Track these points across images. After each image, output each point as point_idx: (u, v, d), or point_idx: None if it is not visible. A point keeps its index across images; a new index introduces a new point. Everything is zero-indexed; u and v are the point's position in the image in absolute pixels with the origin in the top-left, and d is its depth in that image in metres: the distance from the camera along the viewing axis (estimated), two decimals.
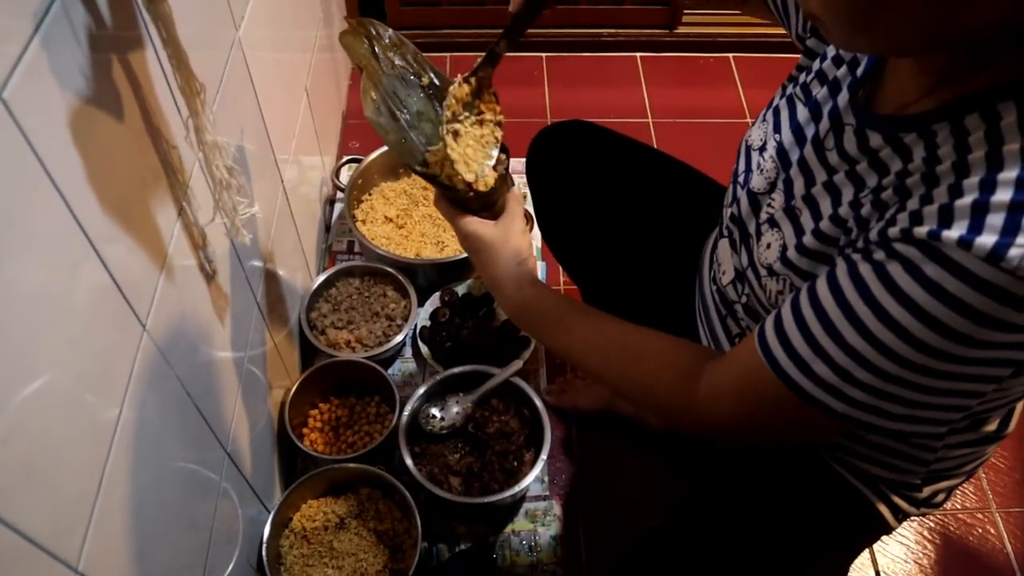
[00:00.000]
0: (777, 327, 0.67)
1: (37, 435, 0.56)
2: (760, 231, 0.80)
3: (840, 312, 0.61)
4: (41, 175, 0.55)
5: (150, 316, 0.74)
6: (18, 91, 0.51)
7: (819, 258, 0.70)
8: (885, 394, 0.61)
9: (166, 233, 0.79)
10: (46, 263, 0.57)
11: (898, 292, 0.57)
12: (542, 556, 1.30)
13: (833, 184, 0.71)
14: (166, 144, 0.78)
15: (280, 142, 1.26)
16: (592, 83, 2.15)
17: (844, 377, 0.62)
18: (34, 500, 0.56)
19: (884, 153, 0.66)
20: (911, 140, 0.64)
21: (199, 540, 0.91)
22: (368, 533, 1.24)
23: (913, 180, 0.61)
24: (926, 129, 0.62)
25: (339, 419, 1.37)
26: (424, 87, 0.95)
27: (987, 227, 0.53)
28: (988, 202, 0.54)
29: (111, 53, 0.66)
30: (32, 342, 0.55)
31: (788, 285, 0.74)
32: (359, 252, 1.68)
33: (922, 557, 1.38)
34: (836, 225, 0.68)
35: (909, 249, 0.57)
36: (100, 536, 0.64)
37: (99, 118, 0.64)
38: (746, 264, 0.83)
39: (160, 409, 0.78)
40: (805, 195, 0.74)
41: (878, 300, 0.59)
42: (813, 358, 0.63)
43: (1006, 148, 0.55)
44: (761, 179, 0.83)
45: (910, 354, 0.58)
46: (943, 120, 0.61)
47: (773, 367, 0.66)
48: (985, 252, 0.53)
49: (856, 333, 0.60)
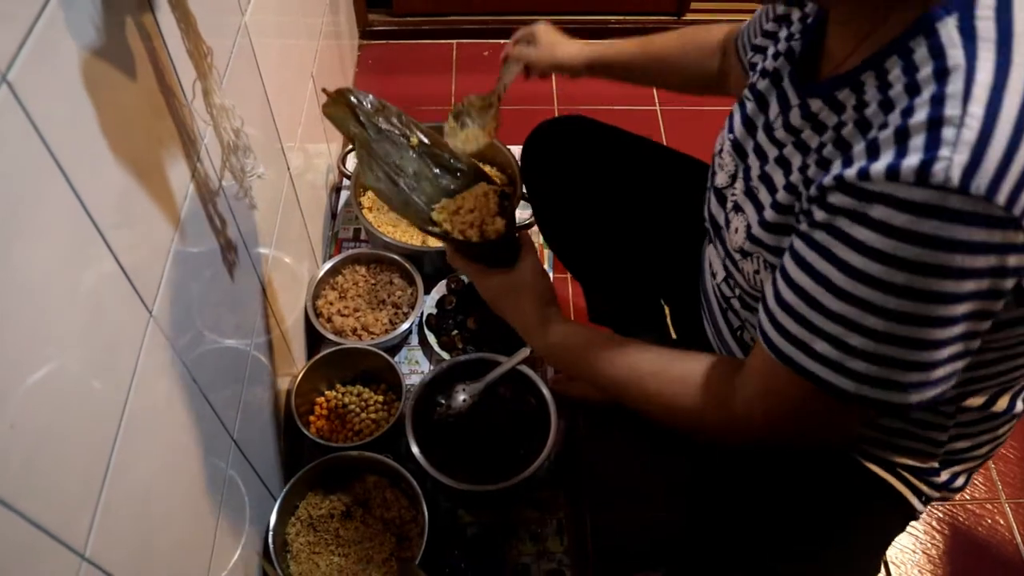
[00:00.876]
0: (771, 319, 0.68)
1: (44, 421, 0.56)
2: (728, 220, 0.82)
3: (813, 282, 0.63)
4: (46, 157, 0.55)
5: (156, 302, 0.74)
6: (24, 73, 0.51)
7: (782, 230, 0.72)
8: (884, 359, 0.61)
9: (173, 218, 0.78)
10: (52, 247, 0.57)
11: (853, 243, 0.59)
12: (548, 544, 1.29)
13: (783, 157, 0.74)
14: (175, 113, 0.78)
15: (286, 129, 1.25)
16: None
17: (842, 348, 0.62)
18: (41, 486, 0.55)
19: (823, 114, 0.69)
20: (844, 95, 0.66)
21: (206, 527, 0.91)
22: (374, 521, 1.24)
23: (848, 130, 0.64)
24: (855, 81, 0.65)
25: (345, 407, 1.37)
26: (415, 147, 0.97)
27: (911, 150, 0.55)
28: (907, 126, 0.56)
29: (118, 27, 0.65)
30: (39, 328, 0.55)
31: (762, 263, 0.76)
32: (365, 240, 1.67)
33: (931, 547, 1.37)
34: (791, 193, 0.70)
35: (844, 199, 0.59)
36: (107, 522, 0.64)
37: (103, 101, 0.63)
38: (723, 255, 0.85)
39: (166, 396, 0.78)
40: (760, 174, 0.77)
41: (841, 258, 0.60)
42: (810, 337, 0.64)
43: (920, 75, 0.58)
44: (723, 175, 0.86)
45: (889, 302, 0.58)
46: (868, 69, 0.64)
47: (780, 358, 0.67)
48: (913, 175, 0.54)
49: (835, 298, 0.61)
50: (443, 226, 0.90)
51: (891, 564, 1.35)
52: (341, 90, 0.96)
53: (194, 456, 0.86)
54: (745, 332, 0.90)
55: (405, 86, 2.08)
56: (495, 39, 2.19)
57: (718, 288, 0.93)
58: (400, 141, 0.97)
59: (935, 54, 0.57)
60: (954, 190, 0.53)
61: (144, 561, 0.73)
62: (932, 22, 0.58)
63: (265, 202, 1.12)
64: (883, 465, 0.83)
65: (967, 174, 0.53)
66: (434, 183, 0.96)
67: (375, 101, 0.97)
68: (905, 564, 1.35)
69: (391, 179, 0.95)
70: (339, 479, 1.28)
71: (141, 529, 0.73)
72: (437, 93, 2.07)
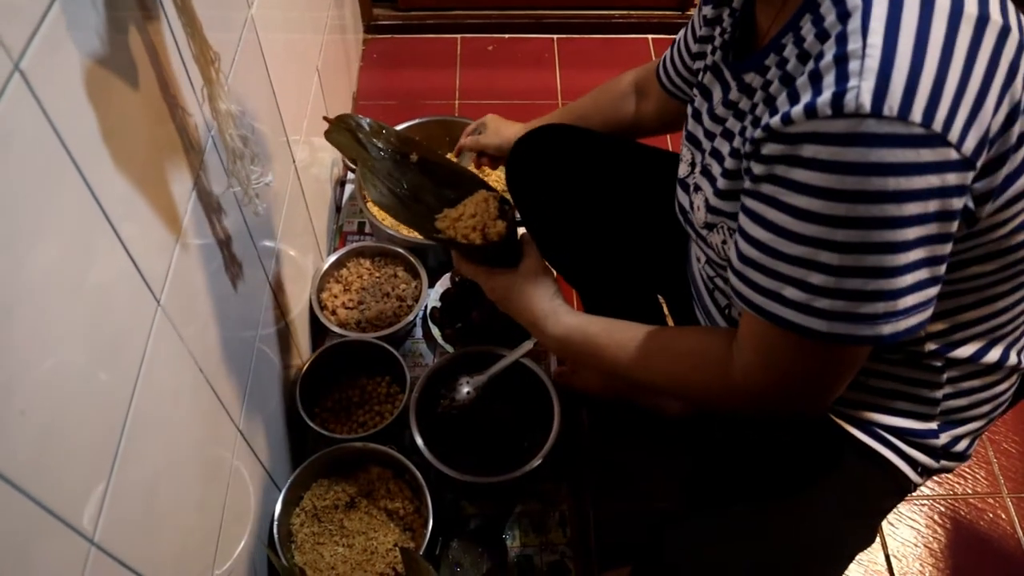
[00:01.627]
0: (740, 277, 0.71)
1: (55, 408, 0.56)
2: (692, 202, 0.86)
3: (769, 233, 0.65)
4: (58, 147, 0.56)
5: (164, 292, 0.75)
6: (36, 62, 0.51)
7: (736, 196, 0.74)
8: (846, 292, 0.63)
9: (181, 207, 0.79)
10: (65, 236, 0.57)
11: (794, 185, 0.61)
12: (551, 537, 1.30)
13: (727, 130, 0.78)
14: (182, 114, 0.78)
15: (292, 122, 1.26)
16: (603, 65, 2.14)
17: (806, 288, 0.64)
18: (53, 471, 0.56)
19: (755, 83, 0.73)
20: (771, 61, 0.70)
21: (212, 516, 0.92)
22: (378, 512, 1.25)
23: (775, 87, 0.67)
24: (777, 45, 0.69)
25: (350, 398, 1.38)
26: (415, 164, 1.03)
27: (824, 87, 0.58)
28: (819, 68, 0.60)
29: (127, 24, 0.66)
30: (51, 315, 0.56)
31: (726, 231, 0.79)
32: (370, 233, 1.68)
33: (932, 541, 1.37)
34: (735, 158, 0.74)
35: (775, 147, 0.62)
36: (115, 509, 0.65)
37: (115, 90, 0.64)
38: (695, 237, 0.88)
39: (174, 385, 0.79)
40: (711, 150, 0.81)
41: (786, 202, 0.62)
42: (778, 285, 0.66)
43: (827, 23, 0.61)
44: (684, 166, 0.91)
45: (837, 235, 0.60)
46: (788, 32, 0.67)
47: (761, 313, 0.69)
48: (828, 108, 0.57)
49: (789, 242, 0.64)
50: (447, 233, 0.94)
51: (892, 558, 1.35)
52: (341, 116, 1.02)
53: (201, 446, 0.87)
54: (732, 309, 0.92)
55: (409, 80, 2.08)
56: (499, 34, 2.19)
57: (703, 271, 0.96)
58: (399, 159, 1.03)
59: (837, 2, 0.61)
60: (867, 115, 0.56)
61: (151, 548, 0.73)
62: None
63: (271, 195, 1.13)
64: (875, 436, 0.83)
65: (877, 98, 0.56)
66: (436, 194, 1.01)
67: (373, 124, 1.04)
68: (907, 558, 1.36)
69: (394, 194, 1.00)
70: (343, 470, 1.29)
71: (148, 516, 0.73)
72: (441, 87, 2.07)
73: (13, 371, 0.51)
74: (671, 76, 1.06)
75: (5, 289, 0.50)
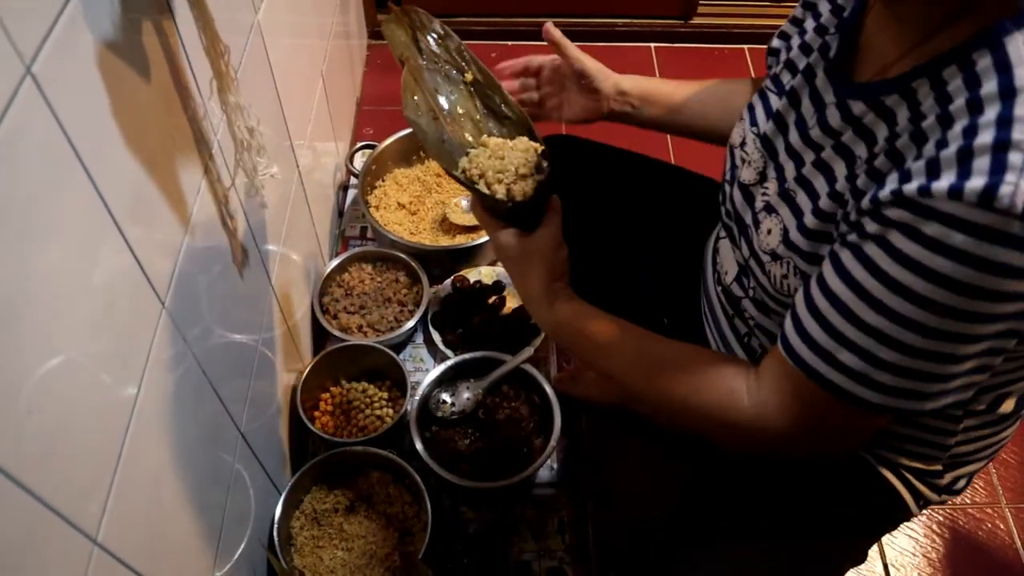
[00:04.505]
0: (796, 326, 0.67)
1: (60, 409, 0.57)
2: (758, 220, 0.80)
3: (852, 294, 0.62)
4: (67, 148, 0.56)
5: (169, 294, 0.75)
6: (47, 65, 0.52)
7: (821, 237, 0.70)
8: (911, 372, 0.61)
9: (187, 209, 0.79)
10: (72, 237, 0.58)
11: (904, 259, 0.58)
12: (550, 543, 1.30)
13: (823, 161, 0.72)
14: (190, 110, 0.79)
15: (296, 127, 1.26)
16: None
17: (870, 360, 0.62)
18: (57, 471, 0.56)
19: (868, 119, 0.67)
20: (893, 102, 0.64)
21: (213, 518, 0.92)
22: (378, 516, 1.25)
23: (903, 142, 0.62)
24: (906, 88, 0.63)
25: (350, 403, 1.38)
26: (468, 83, 0.91)
27: (975, 171, 0.53)
28: (972, 147, 0.54)
29: (138, 22, 0.67)
30: (57, 315, 0.56)
31: (792, 268, 0.74)
32: (372, 238, 1.68)
33: (931, 551, 1.38)
34: (835, 202, 0.68)
35: (902, 213, 0.57)
36: (118, 510, 0.65)
37: (124, 90, 0.65)
38: (747, 255, 0.83)
39: (177, 387, 0.79)
40: (797, 176, 0.75)
41: (887, 272, 0.59)
42: (837, 348, 0.63)
43: (984, 91, 0.56)
44: (750, 171, 0.83)
45: (928, 319, 0.58)
46: (922, 77, 0.61)
47: (801, 366, 0.66)
48: (976, 196, 0.53)
49: (872, 311, 0.60)
50: (470, 173, 0.84)
51: (891, 567, 1.36)
52: (408, 8, 0.90)
53: (203, 448, 0.88)
54: (753, 338, 0.88)
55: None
56: (503, 40, 2.20)
57: (728, 289, 0.91)
58: (453, 75, 0.91)
59: (1001, 69, 0.55)
60: (1018, 216, 0.52)
61: (153, 549, 0.74)
62: (999, 35, 0.57)
63: (275, 199, 1.13)
64: (887, 465, 0.84)
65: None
66: (478, 125, 0.90)
67: (440, 27, 0.91)
68: (905, 567, 1.36)
69: (432, 114, 0.88)
70: (343, 474, 1.29)
71: (150, 518, 0.74)
72: None
73: (20, 370, 0.52)
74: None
75: (13, 289, 0.50)
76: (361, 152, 1.74)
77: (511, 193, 0.82)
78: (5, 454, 0.49)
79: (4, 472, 0.49)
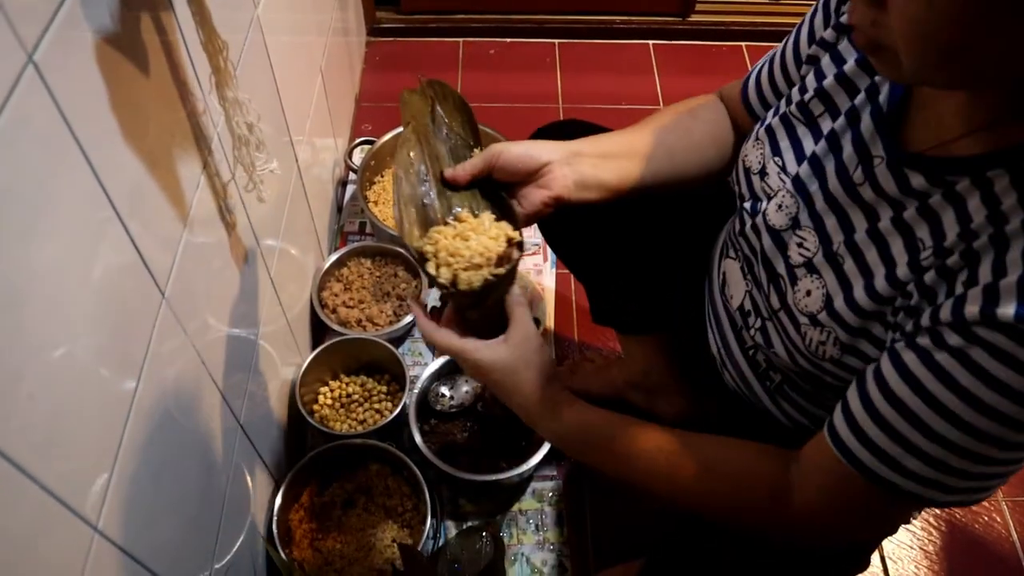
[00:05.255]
0: (853, 428, 0.64)
1: (61, 396, 0.57)
2: (795, 275, 0.75)
3: (923, 403, 0.59)
4: (69, 139, 0.57)
5: (169, 285, 0.76)
6: (49, 54, 0.52)
7: (873, 316, 0.66)
8: (983, 475, 0.61)
9: (187, 201, 0.80)
10: (74, 227, 0.58)
11: (989, 378, 0.55)
12: (548, 535, 1.31)
13: (879, 233, 0.67)
14: (190, 103, 0.79)
15: (295, 123, 1.27)
16: (604, 70, 2.16)
17: (940, 468, 0.60)
18: (59, 458, 0.57)
19: (934, 200, 0.62)
20: (964, 188, 0.60)
21: (212, 509, 0.93)
22: (377, 509, 1.26)
23: (981, 243, 0.57)
24: (980, 175, 0.58)
25: (349, 396, 1.39)
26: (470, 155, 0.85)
27: None
28: None
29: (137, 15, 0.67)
30: (59, 306, 0.57)
31: (832, 338, 0.70)
32: (370, 233, 1.69)
33: (927, 543, 1.38)
34: (894, 288, 0.64)
35: (994, 335, 0.54)
36: (118, 499, 0.66)
37: (124, 80, 0.65)
38: (778, 307, 0.78)
39: (177, 378, 0.80)
40: (847, 241, 0.70)
41: (967, 388, 0.56)
42: (903, 455, 0.61)
43: None
44: (781, 215, 0.77)
45: (1008, 434, 0.57)
46: (999, 167, 0.57)
47: (863, 472, 0.63)
48: None
49: (945, 422, 0.58)
50: (425, 248, 0.76)
51: (888, 560, 1.36)
52: (434, 81, 0.86)
53: (203, 439, 0.88)
54: (759, 354, 0.87)
55: (412, 83, 2.09)
56: (501, 38, 2.20)
57: (735, 311, 0.88)
58: (460, 150, 0.85)
59: None
60: None
61: (153, 539, 0.74)
62: None
63: (274, 194, 1.14)
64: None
65: None
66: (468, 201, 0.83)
67: (458, 99, 0.87)
68: (902, 560, 1.36)
69: (420, 179, 0.82)
70: (342, 467, 1.30)
71: (150, 507, 0.74)
72: None
73: (23, 356, 0.52)
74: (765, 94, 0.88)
75: (16, 276, 0.51)
76: (360, 148, 1.75)
77: (456, 279, 0.73)
78: (7, 439, 0.50)
79: (6, 457, 0.50)
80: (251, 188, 0.88)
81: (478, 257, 0.73)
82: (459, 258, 0.74)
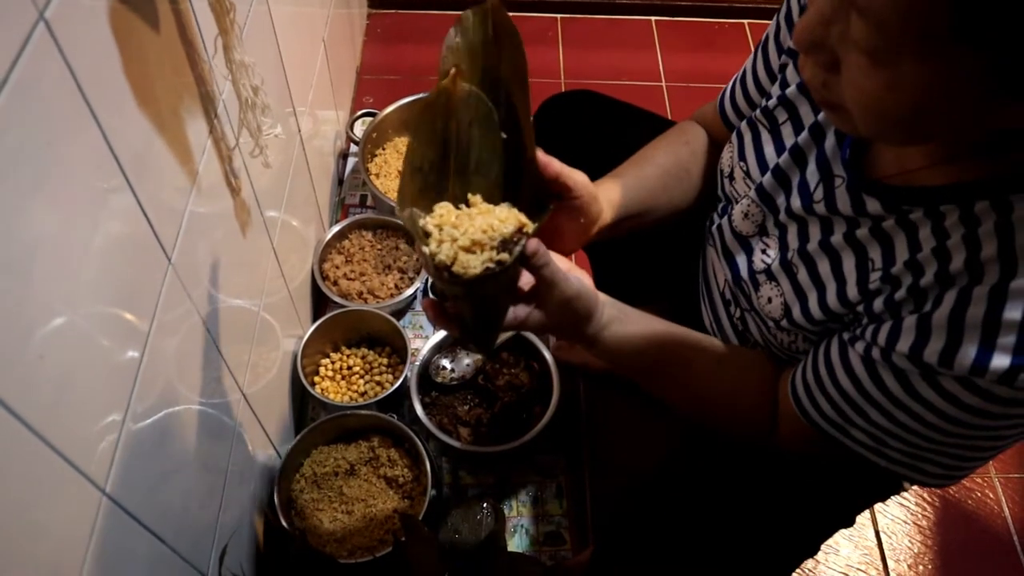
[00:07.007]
0: (808, 394, 0.73)
1: (70, 357, 0.57)
2: (756, 280, 0.80)
3: (863, 399, 0.67)
4: (79, 100, 0.56)
5: (175, 251, 0.76)
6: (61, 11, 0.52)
7: (831, 321, 0.72)
8: (919, 456, 0.68)
9: (195, 162, 0.80)
10: (83, 188, 0.58)
11: (917, 395, 0.62)
12: (548, 508, 1.32)
13: (831, 246, 0.70)
14: (197, 66, 0.79)
15: (298, 93, 1.26)
16: (606, 46, 2.14)
17: (878, 442, 0.68)
18: (68, 419, 0.57)
19: (887, 224, 0.65)
20: (917, 217, 0.62)
21: (215, 478, 0.93)
22: (378, 479, 1.27)
23: (927, 281, 0.60)
24: (934, 209, 0.60)
25: (351, 368, 1.39)
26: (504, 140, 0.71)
27: (999, 348, 0.55)
28: (1000, 320, 0.54)
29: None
30: (67, 265, 0.57)
31: (800, 337, 0.78)
32: (372, 205, 1.68)
33: (921, 519, 1.40)
34: (844, 307, 0.69)
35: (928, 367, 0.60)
36: (125, 464, 0.66)
37: (134, 39, 0.65)
38: (747, 307, 0.86)
39: (182, 345, 0.80)
40: (800, 250, 0.74)
41: (898, 398, 0.63)
42: (847, 427, 0.70)
43: (1018, 244, 0.55)
44: (748, 223, 0.81)
45: (931, 432, 0.64)
46: (952, 202, 0.59)
47: (817, 430, 0.73)
48: (999, 375, 0.55)
49: (881, 416, 0.66)
50: (425, 222, 0.65)
51: (882, 534, 1.38)
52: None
53: (207, 407, 0.88)
54: (747, 328, 0.90)
55: (413, 55, 2.08)
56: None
57: (717, 295, 0.94)
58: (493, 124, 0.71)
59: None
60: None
61: (158, 504, 0.75)
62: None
63: (276, 164, 1.13)
64: None
65: None
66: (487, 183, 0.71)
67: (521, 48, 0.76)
68: (896, 534, 1.38)
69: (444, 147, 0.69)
70: (344, 438, 1.31)
71: (156, 473, 0.75)
72: None
73: (33, 316, 0.52)
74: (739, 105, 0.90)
75: (27, 236, 0.51)
76: (361, 120, 1.74)
77: (452, 266, 0.62)
78: (17, 398, 0.50)
79: (16, 415, 0.50)
80: (256, 153, 0.88)
81: (480, 234, 0.63)
82: (460, 231, 0.63)
